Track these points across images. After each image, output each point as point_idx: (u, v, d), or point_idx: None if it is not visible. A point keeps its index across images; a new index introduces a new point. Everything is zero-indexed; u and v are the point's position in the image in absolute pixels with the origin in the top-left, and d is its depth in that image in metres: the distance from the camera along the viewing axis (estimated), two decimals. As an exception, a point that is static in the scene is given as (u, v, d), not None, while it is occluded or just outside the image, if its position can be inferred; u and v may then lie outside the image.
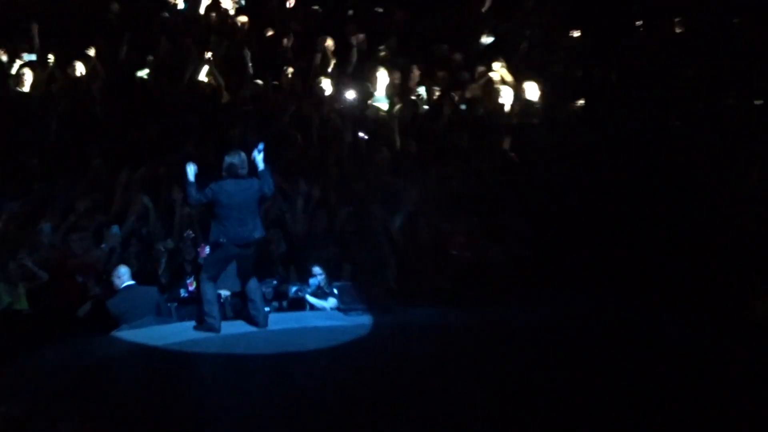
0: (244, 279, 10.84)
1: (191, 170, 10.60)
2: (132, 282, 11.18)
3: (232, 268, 10.93)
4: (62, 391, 8.94)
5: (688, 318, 10.62)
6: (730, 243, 11.73)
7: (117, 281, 11.13)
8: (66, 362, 9.74)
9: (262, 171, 10.73)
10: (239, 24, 15.67)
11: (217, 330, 10.58)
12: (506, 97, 14.43)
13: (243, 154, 10.68)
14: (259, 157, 10.70)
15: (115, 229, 11.99)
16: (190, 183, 10.60)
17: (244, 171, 10.63)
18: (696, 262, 11.59)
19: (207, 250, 11.27)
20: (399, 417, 8.37)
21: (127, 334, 10.66)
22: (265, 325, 10.76)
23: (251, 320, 10.84)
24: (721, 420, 8.16)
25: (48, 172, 12.76)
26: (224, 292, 11.13)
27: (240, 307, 11.16)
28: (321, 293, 11.70)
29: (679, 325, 10.47)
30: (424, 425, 8.25)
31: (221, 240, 10.53)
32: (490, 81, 14.64)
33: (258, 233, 10.71)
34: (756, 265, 11.43)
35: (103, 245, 11.80)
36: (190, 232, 11.93)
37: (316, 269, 11.77)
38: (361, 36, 15.19)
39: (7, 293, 11.16)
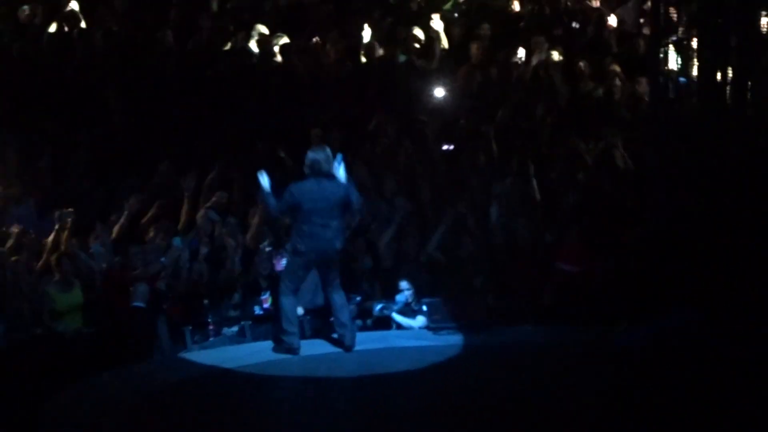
0: (329, 292, 10.37)
1: (264, 180, 10.17)
2: (140, 304, 10.73)
3: (311, 281, 10.57)
4: (127, 421, 8.58)
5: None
6: None
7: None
8: (129, 388, 9.42)
9: (347, 185, 10.30)
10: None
11: (296, 350, 10.18)
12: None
13: (328, 150, 10.23)
14: (340, 169, 10.22)
15: (176, 241, 11.59)
16: (267, 193, 10.17)
17: (330, 169, 10.12)
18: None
19: (283, 262, 10.87)
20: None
21: (196, 355, 10.40)
22: (353, 345, 10.32)
23: (335, 340, 10.45)
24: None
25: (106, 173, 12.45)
26: (300, 310, 10.70)
27: (320, 326, 10.84)
28: (408, 311, 11.28)
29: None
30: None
31: (300, 248, 10.07)
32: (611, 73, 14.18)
33: (339, 243, 10.20)
34: None
35: (162, 259, 11.37)
36: (266, 244, 11.53)
37: (404, 284, 11.33)
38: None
39: (60, 291, 10.84)
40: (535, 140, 13.45)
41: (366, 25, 14.73)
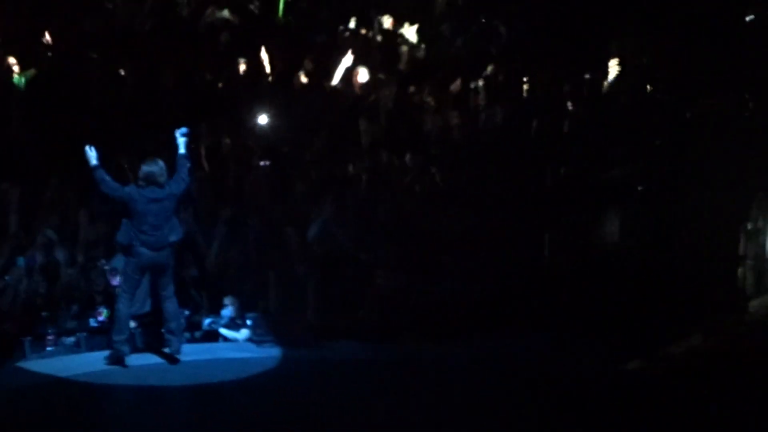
0: (162, 300, 10.83)
1: (92, 154, 10.58)
2: None
3: (143, 289, 10.98)
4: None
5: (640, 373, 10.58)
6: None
7: None
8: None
9: (181, 155, 10.84)
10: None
11: (125, 354, 10.62)
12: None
13: (161, 162, 10.74)
14: (181, 140, 10.83)
15: (19, 261, 11.72)
16: (97, 167, 10.59)
17: (163, 179, 10.68)
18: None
19: (117, 280, 11.21)
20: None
21: (32, 364, 10.61)
22: (178, 352, 10.81)
23: (165, 353, 10.89)
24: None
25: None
26: (132, 323, 11.02)
27: (151, 339, 11.14)
28: (233, 324, 11.69)
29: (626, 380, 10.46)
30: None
31: (133, 243, 10.57)
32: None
33: (174, 236, 10.75)
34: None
35: (7, 277, 11.56)
36: (104, 261, 11.80)
37: (228, 299, 11.77)
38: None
39: None
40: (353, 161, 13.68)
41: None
